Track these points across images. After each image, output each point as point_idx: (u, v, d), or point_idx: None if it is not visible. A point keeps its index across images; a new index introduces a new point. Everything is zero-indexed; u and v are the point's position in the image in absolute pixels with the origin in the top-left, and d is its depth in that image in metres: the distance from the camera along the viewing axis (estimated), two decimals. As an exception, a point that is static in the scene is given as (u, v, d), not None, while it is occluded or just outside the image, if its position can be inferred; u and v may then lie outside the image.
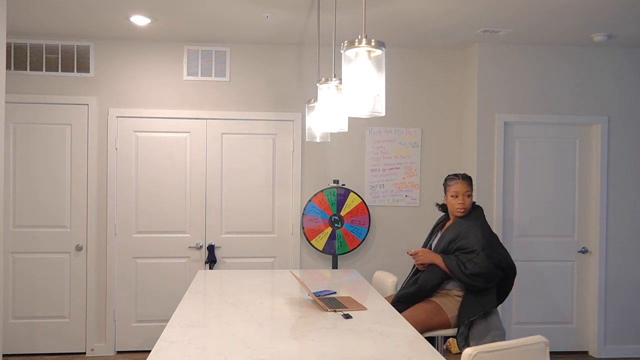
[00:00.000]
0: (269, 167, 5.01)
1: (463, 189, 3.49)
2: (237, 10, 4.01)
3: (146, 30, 4.57)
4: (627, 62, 5.01)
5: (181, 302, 3.02)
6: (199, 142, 4.95)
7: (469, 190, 3.50)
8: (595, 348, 4.98)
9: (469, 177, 3.54)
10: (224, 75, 4.97)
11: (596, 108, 5.00)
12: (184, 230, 4.94)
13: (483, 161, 4.90)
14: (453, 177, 3.55)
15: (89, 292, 4.86)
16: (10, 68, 4.77)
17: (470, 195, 3.50)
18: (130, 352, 4.92)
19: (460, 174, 3.56)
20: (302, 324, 2.61)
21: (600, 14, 4.04)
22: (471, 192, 3.52)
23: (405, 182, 5.10)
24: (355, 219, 5.00)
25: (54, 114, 4.84)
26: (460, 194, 3.49)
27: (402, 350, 2.22)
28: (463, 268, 3.29)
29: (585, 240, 5.05)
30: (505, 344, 2.20)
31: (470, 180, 3.53)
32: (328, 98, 2.88)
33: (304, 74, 5.04)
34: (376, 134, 5.07)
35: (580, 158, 5.04)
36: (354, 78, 1.98)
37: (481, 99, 4.90)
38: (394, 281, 3.75)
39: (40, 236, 4.82)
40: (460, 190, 3.49)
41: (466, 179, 3.52)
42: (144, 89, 4.91)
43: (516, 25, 4.34)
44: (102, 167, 4.88)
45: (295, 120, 5.02)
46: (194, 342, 2.28)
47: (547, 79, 4.95)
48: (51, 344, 4.84)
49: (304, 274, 4.07)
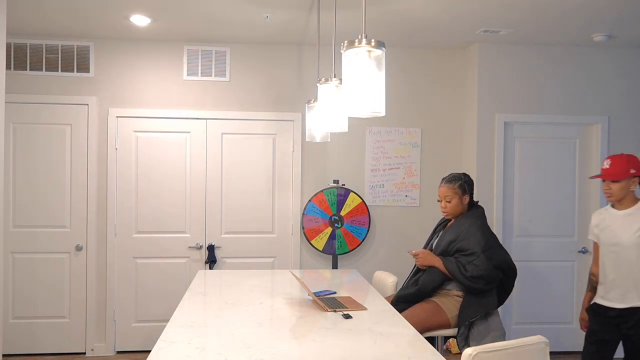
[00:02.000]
0: (269, 167, 5.01)
1: (443, 193, 3.48)
2: (237, 10, 4.01)
3: (146, 30, 4.57)
4: (627, 62, 5.01)
5: (181, 302, 3.02)
6: (199, 142, 4.95)
7: (448, 195, 3.46)
8: (595, 348, 4.97)
9: (453, 180, 3.47)
10: (224, 75, 4.97)
11: (596, 108, 4.99)
12: (184, 230, 4.94)
13: (483, 161, 4.90)
14: (441, 180, 3.55)
15: (89, 292, 4.86)
16: (10, 68, 4.77)
17: (450, 200, 3.45)
18: (130, 352, 4.92)
19: (446, 177, 3.52)
20: (302, 324, 2.61)
21: (601, 14, 4.04)
22: (455, 195, 3.45)
23: (405, 182, 5.10)
24: (355, 219, 5.00)
25: (54, 114, 4.84)
26: (441, 198, 3.49)
27: (402, 350, 2.22)
28: (463, 270, 3.29)
29: (585, 240, 5.05)
30: (505, 344, 2.19)
31: (454, 183, 3.46)
32: (328, 98, 2.88)
33: (304, 73, 5.04)
34: (376, 134, 5.07)
35: (580, 158, 5.04)
36: (354, 78, 1.98)
37: (481, 99, 4.90)
38: (394, 281, 3.75)
39: (40, 236, 4.82)
40: (441, 194, 3.49)
41: (450, 182, 3.47)
42: (144, 89, 4.91)
43: (516, 25, 4.34)
44: (102, 167, 4.88)
45: (295, 120, 5.02)
46: (194, 342, 2.28)
47: (547, 78, 4.95)
48: (51, 344, 4.84)
49: (304, 274, 4.07)
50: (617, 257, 3.14)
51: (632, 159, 3.11)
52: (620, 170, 3.09)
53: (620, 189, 3.11)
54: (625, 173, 3.08)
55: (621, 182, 3.10)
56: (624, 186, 3.10)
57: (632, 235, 3.08)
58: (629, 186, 3.11)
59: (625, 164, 3.09)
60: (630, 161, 3.10)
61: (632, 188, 3.11)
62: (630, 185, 3.11)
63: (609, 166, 3.13)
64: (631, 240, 3.09)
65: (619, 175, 3.07)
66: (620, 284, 3.13)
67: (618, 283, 3.13)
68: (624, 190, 3.11)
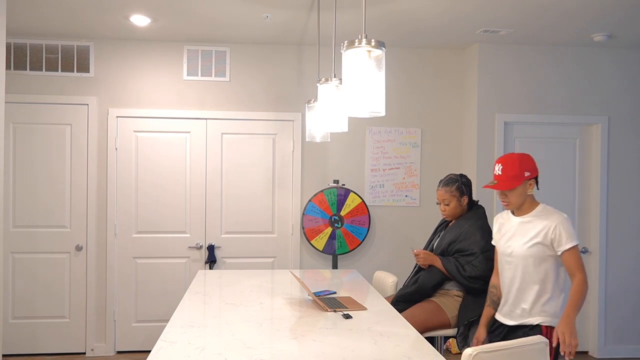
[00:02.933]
0: (269, 167, 5.01)
1: (441, 197, 3.48)
2: (237, 10, 4.01)
3: (146, 30, 4.57)
4: (627, 62, 5.01)
5: (181, 302, 3.02)
6: (199, 142, 4.95)
7: (446, 199, 3.46)
8: (595, 348, 4.98)
9: (450, 182, 3.45)
10: (224, 75, 4.96)
11: (596, 108, 4.99)
12: (184, 230, 4.94)
13: (483, 161, 4.90)
14: (438, 184, 3.54)
15: (89, 292, 4.86)
16: (10, 68, 4.77)
17: (448, 203, 3.45)
18: (130, 352, 4.92)
19: (443, 180, 3.50)
20: (302, 324, 2.61)
21: (601, 14, 4.04)
22: (453, 198, 3.43)
23: (405, 182, 5.10)
24: (355, 219, 4.99)
25: (54, 114, 4.84)
26: (440, 201, 3.50)
27: (402, 350, 2.22)
28: (462, 270, 3.30)
29: (585, 240, 5.05)
30: (505, 344, 2.19)
31: (451, 185, 3.44)
32: (328, 98, 2.88)
33: (304, 74, 5.04)
34: (376, 134, 5.07)
35: (580, 158, 5.04)
36: (354, 78, 1.98)
37: (481, 99, 4.90)
38: (394, 281, 3.75)
39: (40, 236, 4.82)
40: (439, 197, 3.50)
41: (447, 185, 3.45)
42: (144, 89, 4.91)
43: (516, 25, 4.34)
44: (102, 167, 4.88)
45: (295, 120, 5.02)
46: (194, 342, 2.28)
47: (548, 78, 4.95)
48: (51, 344, 4.83)
49: (304, 274, 4.06)
50: (512, 269, 2.81)
51: (524, 159, 2.73)
52: (513, 176, 2.71)
53: (517, 197, 2.75)
54: (520, 178, 2.71)
55: (517, 189, 2.74)
56: (521, 192, 2.75)
57: (523, 246, 2.75)
58: (526, 190, 2.75)
59: (518, 167, 2.71)
60: (523, 162, 2.72)
61: (529, 192, 2.76)
62: (527, 189, 2.75)
63: (501, 172, 2.74)
64: (521, 251, 2.75)
65: (514, 183, 2.71)
66: (513, 300, 2.82)
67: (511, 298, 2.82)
68: (522, 197, 2.76)
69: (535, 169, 2.76)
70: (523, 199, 2.77)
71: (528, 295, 2.76)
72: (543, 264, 2.73)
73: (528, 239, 2.75)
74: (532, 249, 2.73)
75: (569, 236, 2.67)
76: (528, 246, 2.73)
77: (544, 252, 2.71)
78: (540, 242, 2.71)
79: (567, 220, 2.71)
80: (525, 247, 2.74)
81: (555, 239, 2.69)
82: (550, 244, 2.70)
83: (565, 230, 2.67)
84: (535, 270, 2.74)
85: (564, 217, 2.71)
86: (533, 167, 2.75)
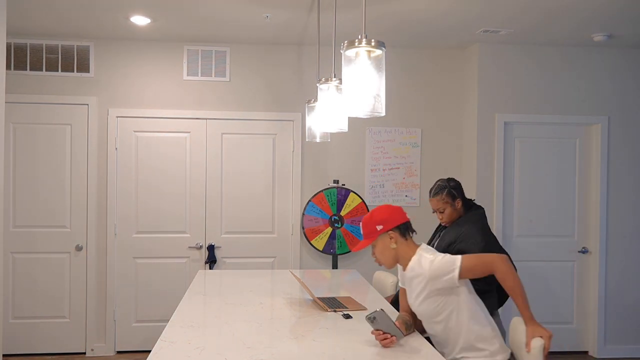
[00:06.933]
0: (269, 167, 5.01)
1: (434, 206, 3.46)
2: (237, 10, 4.01)
3: (146, 30, 4.57)
4: (627, 62, 5.01)
5: (181, 302, 3.02)
6: (199, 142, 4.95)
7: (439, 207, 3.45)
8: (595, 348, 4.98)
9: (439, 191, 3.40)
10: (224, 76, 4.96)
11: (596, 108, 4.99)
12: (184, 230, 4.94)
13: (483, 161, 4.90)
14: (429, 194, 3.50)
15: (89, 292, 4.86)
16: (10, 68, 4.77)
17: (443, 210, 3.42)
18: (130, 352, 4.92)
19: (432, 190, 3.45)
20: (302, 324, 2.61)
21: (600, 14, 4.04)
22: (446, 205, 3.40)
23: (405, 182, 5.10)
24: (356, 219, 4.99)
25: (54, 114, 4.84)
26: (434, 210, 3.49)
27: (402, 350, 2.22)
28: None
29: (585, 240, 5.05)
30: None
31: (441, 194, 3.40)
32: (328, 98, 2.88)
33: (304, 74, 5.04)
34: (376, 134, 5.07)
35: (580, 158, 5.04)
36: (354, 78, 1.98)
37: (481, 99, 4.90)
38: (394, 281, 3.74)
39: (40, 236, 4.82)
40: (433, 207, 3.48)
41: (437, 194, 3.41)
42: (144, 89, 4.91)
43: (516, 25, 4.34)
44: (102, 167, 4.88)
45: (295, 120, 5.02)
46: (194, 342, 2.28)
47: (547, 79, 4.95)
48: (51, 344, 4.83)
49: (304, 274, 4.07)
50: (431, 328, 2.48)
51: (377, 212, 2.47)
52: (366, 233, 2.47)
53: (381, 254, 2.47)
54: (372, 234, 2.45)
55: (377, 246, 2.47)
56: (383, 247, 2.46)
57: (415, 304, 2.46)
58: (388, 244, 2.45)
59: (369, 223, 2.46)
60: (374, 217, 2.46)
61: (393, 245, 2.44)
62: (388, 242, 2.45)
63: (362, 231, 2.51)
64: (419, 311, 2.45)
65: (364, 242, 2.46)
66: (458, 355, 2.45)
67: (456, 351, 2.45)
68: (386, 252, 2.46)
69: (392, 220, 2.45)
70: (391, 254, 2.46)
71: (459, 344, 2.41)
72: (445, 310, 2.38)
73: (415, 295, 2.45)
74: (423, 305, 2.42)
75: (449, 261, 2.34)
76: (418, 303, 2.44)
77: (437, 299, 2.38)
78: (427, 294, 2.38)
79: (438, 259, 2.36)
80: (416, 305, 2.46)
81: (439, 275, 2.33)
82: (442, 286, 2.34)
83: (441, 263, 2.34)
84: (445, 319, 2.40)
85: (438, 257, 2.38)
86: (388, 217, 2.45)
